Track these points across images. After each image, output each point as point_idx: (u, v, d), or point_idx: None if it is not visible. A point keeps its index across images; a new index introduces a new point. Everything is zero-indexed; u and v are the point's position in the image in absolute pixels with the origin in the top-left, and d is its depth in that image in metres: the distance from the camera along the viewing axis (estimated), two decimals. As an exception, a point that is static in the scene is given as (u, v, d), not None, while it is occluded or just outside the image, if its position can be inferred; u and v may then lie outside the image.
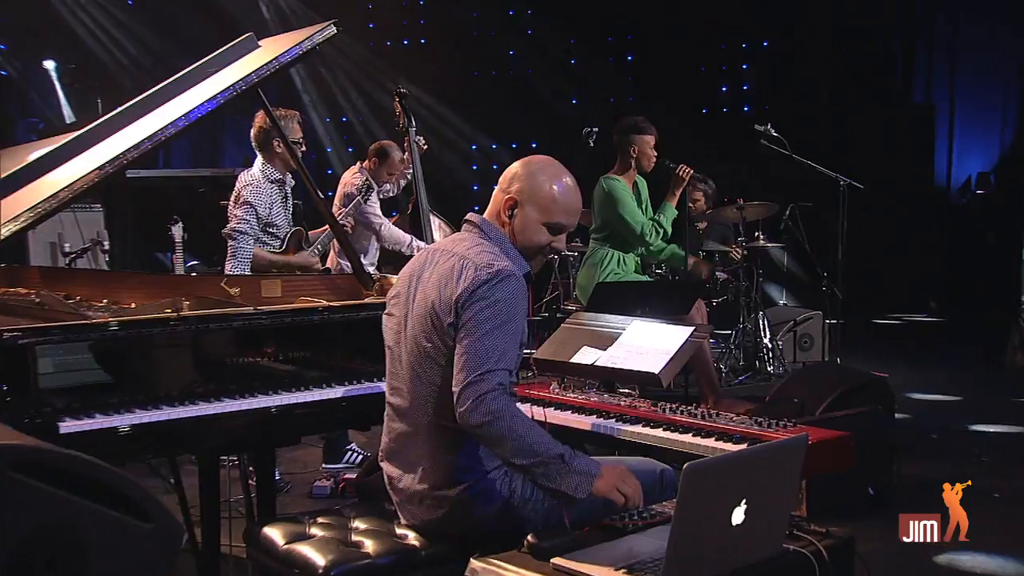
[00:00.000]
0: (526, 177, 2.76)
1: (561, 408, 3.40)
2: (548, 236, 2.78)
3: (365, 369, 3.53)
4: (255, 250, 4.93)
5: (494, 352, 2.52)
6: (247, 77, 3.58)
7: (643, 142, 5.91)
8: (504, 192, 2.78)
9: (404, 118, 6.00)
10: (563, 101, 12.88)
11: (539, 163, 2.81)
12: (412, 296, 2.73)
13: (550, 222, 2.76)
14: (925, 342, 10.24)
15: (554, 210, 2.75)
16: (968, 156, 12.45)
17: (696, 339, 3.37)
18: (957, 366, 8.55)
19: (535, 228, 2.75)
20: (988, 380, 7.94)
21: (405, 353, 2.72)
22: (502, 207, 2.77)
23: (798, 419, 3.41)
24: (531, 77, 12.98)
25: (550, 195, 2.75)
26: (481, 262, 2.61)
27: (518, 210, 2.75)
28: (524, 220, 2.75)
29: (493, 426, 2.48)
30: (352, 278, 4.05)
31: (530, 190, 2.75)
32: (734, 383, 7.34)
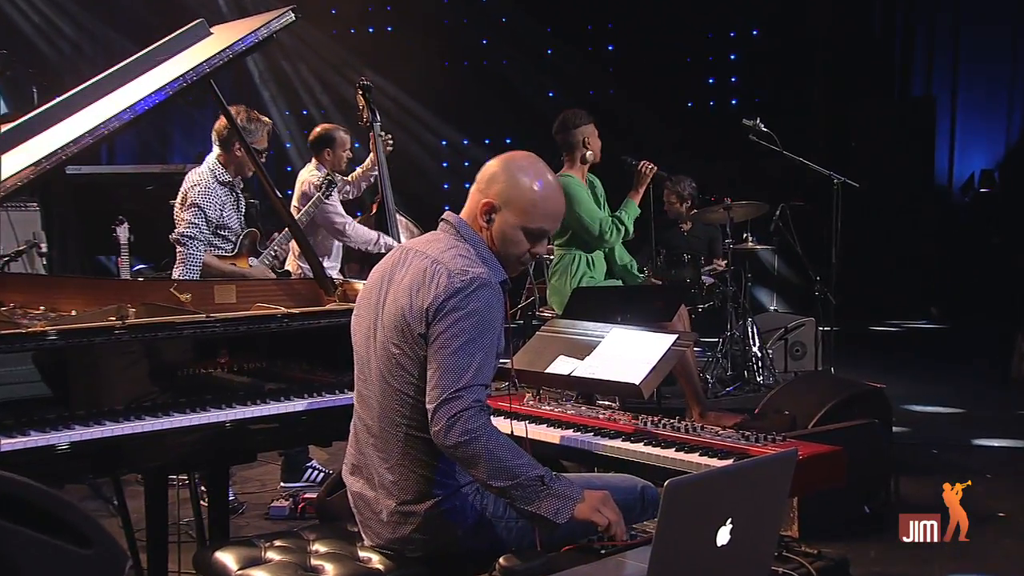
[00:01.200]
0: (506, 178, 2.74)
1: (536, 421, 3.39)
2: (528, 243, 2.77)
3: (327, 381, 3.52)
4: (206, 257, 4.91)
5: (469, 367, 2.52)
6: (198, 67, 3.56)
7: (589, 132, 5.91)
8: (481, 194, 2.76)
9: (368, 112, 5.99)
10: (539, 94, 12.89)
11: (520, 162, 2.78)
12: (383, 298, 2.73)
13: (531, 227, 2.74)
14: (925, 351, 10.29)
15: (535, 215, 2.74)
16: (971, 152, 12.51)
17: (679, 347, 3.39)
18: (959, 377, 8.59)
19: (514, 234, 2.74)
20: (992, 392, 7.98)
21: (374, 358, 2.72)
22: (479, 211, 2.75)
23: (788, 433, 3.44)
24: (505, 68, 13.00)
25: (531, 198, 2.73)
26: (455, 268, 2.61)
27: (496, 215, 2.73)
28: (502, 226, 2.73)
29: (469, 446, 2.48)
30: (313, 283, 4.04)
31: (509, 193, 2.73)
32: (721, 394, 7.37)
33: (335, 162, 6.23)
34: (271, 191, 3.98)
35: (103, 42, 10.82)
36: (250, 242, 5.15)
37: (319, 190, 5.73)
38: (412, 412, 2.64)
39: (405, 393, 2.64)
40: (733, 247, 7.62)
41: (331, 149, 6.23)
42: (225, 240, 5.04)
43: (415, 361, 2.61)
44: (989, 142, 12.45)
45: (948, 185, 12.54)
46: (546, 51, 13.10)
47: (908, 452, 5.85)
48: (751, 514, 2.22)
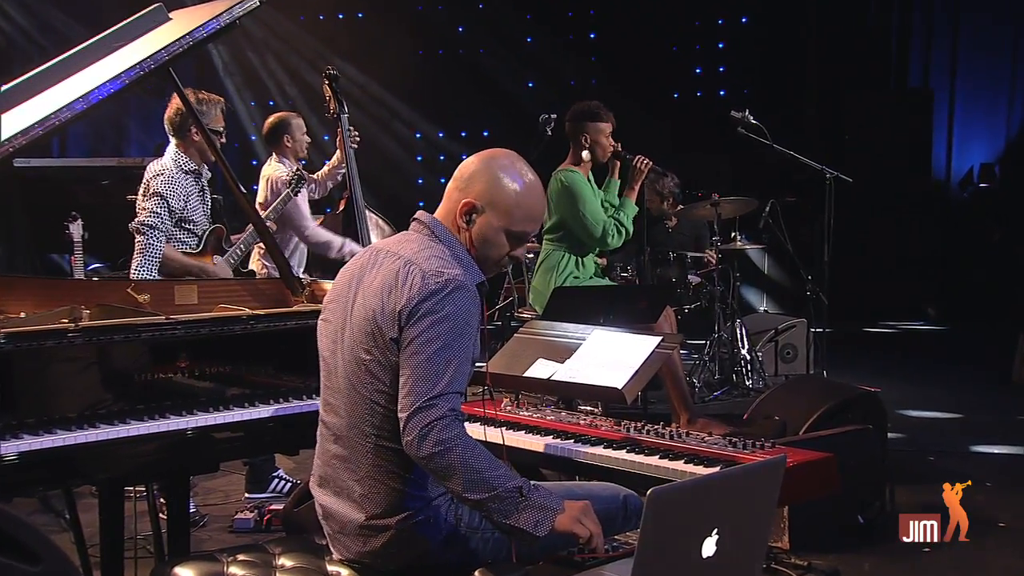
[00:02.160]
0: (488, 178, 2.74)
1: (513, 428, 3.40)
2: (508, 245, 2.77)
3: (294, 385, 3.52)
4: (167, 249, 4.88)
5: (443, 374, 2.52)
6: (157, 54, 3.54)
7: (597, 130, 5.95)
8: (461, 193, 2.75)
9: (335, 103, 5.97)
10: (518, 84, 12.91)
11: (502, 161, 2.78)
12: (352, 301, 2.72)
13: (513, 230, 2.75)
14: (921, 353, 10.35)
15: (519, 216, 2.74)
16: (970, 145, 12.58)
17: (664, 350, 3.40)
18: (958, 380, 8.64)
19: (496, 236, 2.74)
20: (992, 396, 8.03)
21: (342, 364, 2.71)
22: (458, 211, 2.75)
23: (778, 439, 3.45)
24: (482, 57, 13.00)
25: (514, 200, 2.73)
26: (429, 269, 2.60)
27: (477, 216, 2.73)
28: (484, 227, 2.73)
29: (444, 457, 2.48)
30: (279, 283, 4.03)
31: (492, 193, 2.73)
32: (708, 399, 7.38)
33: (296, 149, 6.19)
34: (234, 186, 3.96)
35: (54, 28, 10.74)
36: (216, 239, 5.12)
37: (288, 186, 5.71)
38: (382, 421, 2.63)
39: (375, 402, 2.63)
40: (721, 245, 7.64)
41: (288, 135, 6.20)
42: (190, 234, 5.01)
43: (386, 368, 2.61)
44: (989, 135, 12.51)
45: (946, 180, 12.59)
46: (525, 39, 13.11)
47: (904, 459, 5.88)
48: (738, 524, 2.23)
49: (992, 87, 12.42)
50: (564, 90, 12.26)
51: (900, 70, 12.79)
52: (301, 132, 6.20)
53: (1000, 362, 8.59)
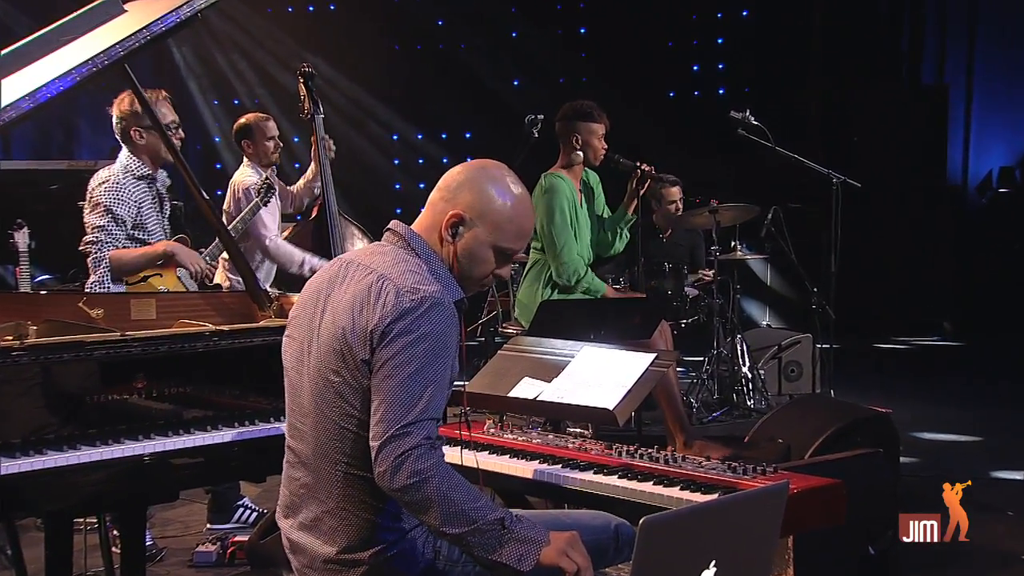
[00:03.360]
0: (478, 189, 2.73)
1: (497, 452, 3.40)
2: (494, 263, 2.78)
3: (261, 407, 3.52)
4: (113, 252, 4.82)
5: (419, 398, 2.51)
6: (111, 50, 3.54)
7: (588, 131, 5.97)
8: (448, 204, 2.74)
9: (309, 103, 5.97)
10: (503, 82, 12.94)
11: (492, 172, 2.78)
12: (319, 317, 2.71)
13: (501, 246, 2.75)
14: (937, 371, 10.36)
15: (509, 232, 2.75)
16: (989, 147, 12.61)
17: (659, 368, 3.41)
18: (976, 400, 8.64)
19: (482, 252, 2.74)
20: (1013, 417, 8.01)
21: (308, 385, 2.70)
22: (444, 224, 2.74)
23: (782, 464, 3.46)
24: (464, 53, 13.03)
25: (506, 214, 2.73)
26: (404, 285, 2.59)
27: (465, 229, 2.73)
28: (472, 242, 2.73)
29: (420, 489, 2.47)
30: (245, 296, 4.02)
31: (483, 206, 2.72)
32: (707, 420, 7.38)
33: (260, 154, 6.19)
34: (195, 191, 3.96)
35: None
36: (176, 249, 5.10)
37: (258, 195, 5.70)
38: (353, 448, 2.62)
39: (344, 427, 2.62)
40: (720, 255, 7.65)
41: (249, 140, 6.19)
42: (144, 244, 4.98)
43: (357, 390, 2.60)
44: (1009, 135, 12.54)
45: (963, 184, 12.63)
46: (511, 34, 13.15)
47: (917, 486, 5.86)
48: (737, 555, 2.23)
49: (1012, 84, 12.45)
50: (552, 89, 12.29)
51: (912, 66, 12.82)
52: (265, 136, 6.18)
53: (1022, 380, 8.59)
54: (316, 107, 5.91)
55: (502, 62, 12.96)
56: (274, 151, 6.24)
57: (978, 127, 12.58)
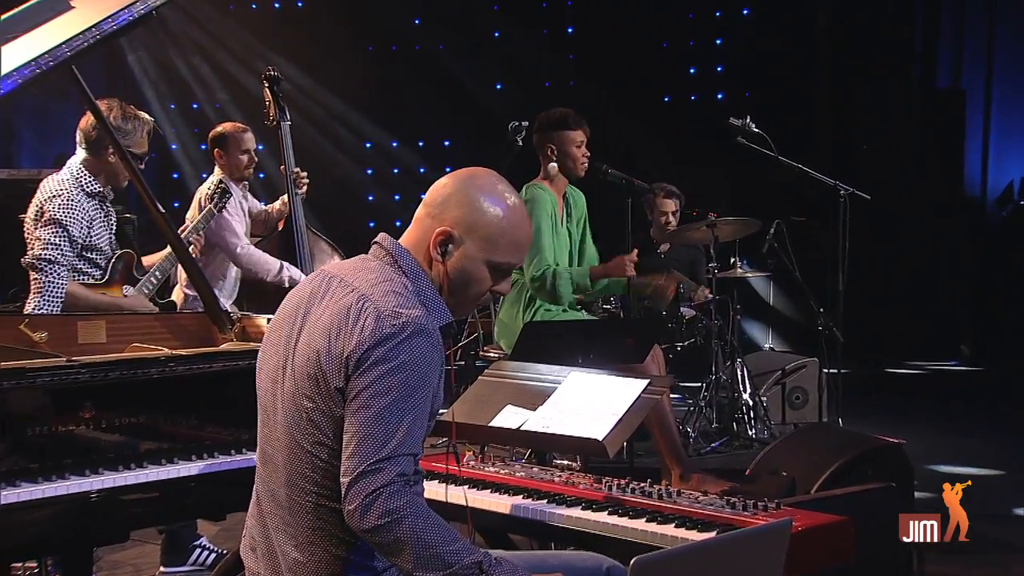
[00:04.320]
0: (466, 201, 2.73)
1: (478, 486, 3.39)
2: (490, 280, 2.77)
3: (221, 439, 3.51)
4: (71, 286, 4.83)
5: (394, 432, 2.50)
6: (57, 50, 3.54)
7: (564, 140, 5.99)
8: (434, 220, 2.74)
9: (275, 109, 5.97)
10: (484, 86, 12.95)
11: (481, 181, 2.78)
12: (296, 335, 2.70)
13: (497, 261, 2.75)
14: (954, 398, 10.36)
15: (504, 246, 2.74)
16: (1009, 156, 12.63)
17: (652, 395, 3.41)
18: (997, 430, 8.63)
19: (476, 270, 2.74)
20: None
21: (281, 410, 2.69)
22: (432, 241, 2.73)
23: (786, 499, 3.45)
24: (443, 55, 13.04)
25: (499, 226, 2.73)
26: (386, 308, 2.58)
27: (455, 247, 2.72)
28: (462, 260, 2.72)
29: (392, 530, 2.46)
30: (204, 318, 4.02)
31: (472, 219, 2.71)
32: (705, 451, 7.38)
33: (231, 166, 6.20)
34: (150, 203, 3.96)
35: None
36: (124, 266, 5.08)
37: (211, 200, 5.70)
38: (324, 478, 2.61)
39: (316, 455, 2.61)
40: (718, 272, 7.65)
41: (221, 150, 6.20)
42: (93, 264, 4.97)
43: (330, 419, 2.59)
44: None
45: (981, 196, 12.66)
46: (493, 33, 13.16)
47: (933, 522, 5.87)
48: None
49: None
50: (537, 93, 12.32)
51: (926, 68, 12.87)
52: (240, 149, 6.19)
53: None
54: (282, 113, 5.92)
55: (484, 64, 12.98)
56: (248, 165, 6.25)
57: (997, 135, 12.60)
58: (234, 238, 5.96)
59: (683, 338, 7.58)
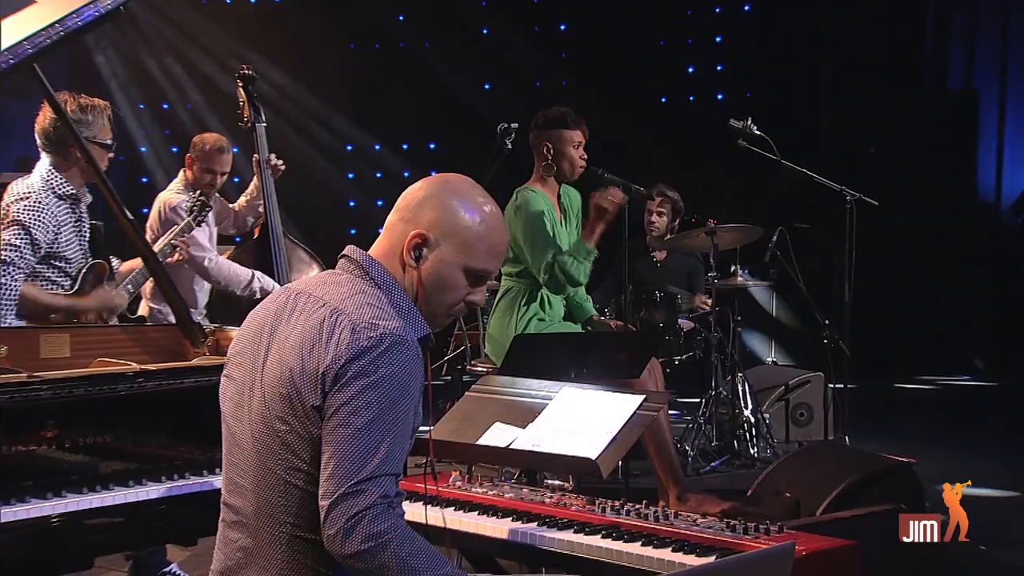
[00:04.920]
0: (441, 204, 2.74)
1: (464, 508, 3.39)
2: (466, 287, 2.77)
3: (192, 458, 3.52)
4: (26, 287, 4.79)
5: (375, 451, 2.49)
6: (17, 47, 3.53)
7: (562, 139, 5.99)
8: (408, 224, 2.74)
9: (250, 109, 5.97)
10: (472, 86, 12.96)
11: (457, 186, 2.79)
12: (263, 355, 2.69)
13: (473, 267, 2.75)
14: (967, 415, 10.36)
15: (480, 250, 2.75)
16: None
17: (649, 411, 3.40)
18: (1013, 449, 8.61)
19: (451, 275, 2.74)
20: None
21: (249, 434, 2.67)
22: (406, 245, 2.73)
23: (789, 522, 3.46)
24: (428, 53, 13.04)
25: (476, 230, 2.74)
26: (361, 320, 2.58)
27: (429, 251, 2.72)
28: (437, 264, 2.73)
29: (375, 556, 2.45)
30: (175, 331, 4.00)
31: (448, 223, 2.72)
32: (704, 471, 7.36)
33: (196, 180, 6.20)
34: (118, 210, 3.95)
35: None
36: (95, 277, 5.06)
37: (189, 214, 5.69)
38: (300, 508, 2.60)
39: (291, 482, 2.60)
40: (718, 282, 7.65)
41: (193, 156, 6.21)
42: (61, 274, 4.94)
43: (306, 441, 2.57)
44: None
45: (995, 202, 12.69)
46: (481, 30, 13.17)
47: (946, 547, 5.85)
48: (737, 627, 2.23)
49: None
50: (528, 93, 12.32)
51: (937, 68, 12.90)
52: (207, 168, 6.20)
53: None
54: (257, 114, 5.91)
55: (471, 63, 12.98)
56: (210, 185, 6.24)
57: (1012, 137, 12.62)
58: (200, 251, 5.94)
59: (681, 351, 7.58)
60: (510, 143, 6.16)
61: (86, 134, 4.50)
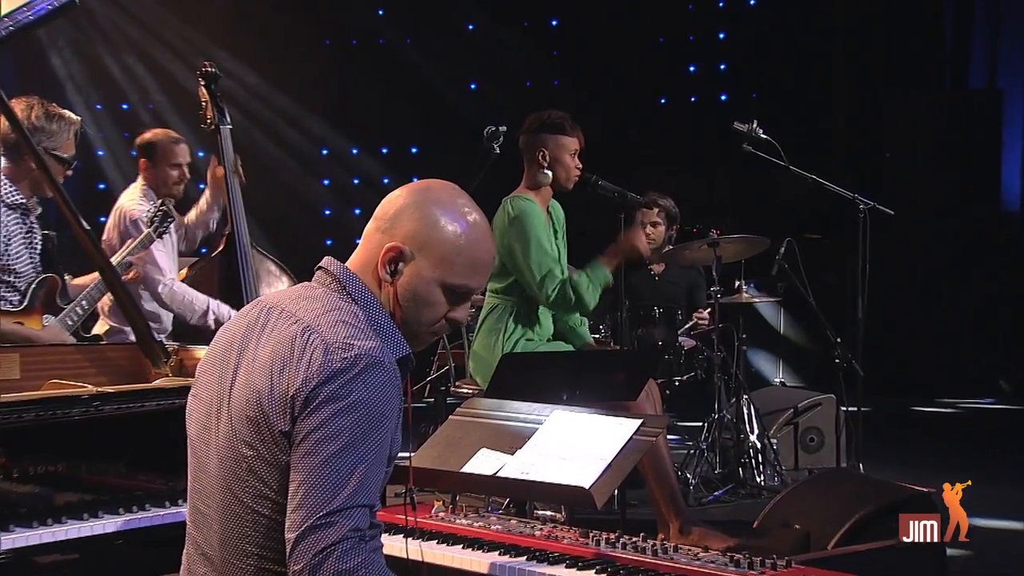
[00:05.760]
0: (420, 215, 2.73)
1: (447, 541, 3.39)
2: (445, 303, 2.77)
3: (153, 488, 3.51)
4: None
5: (347, 481, 2.48)
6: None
7: (558, 146, 6.00)
8: (384, 235, 2.74)
9: (213, 110, 5.96)
10: (457, 86, 12.98)
11: (437, 194, 2.78)
12: (231, 374, 2.69)
13: (452, 283, 2.74)
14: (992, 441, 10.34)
15: (460, 266, 2.74)
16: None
17: (647, 437, 3.40)
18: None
19: (429, 292, 2.73)
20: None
21: (216, 460, 2.67)
22: (381, 259, 2.72)
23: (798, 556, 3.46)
24: (409, 50, 13.06)
25: (455, 243, 2.73)
26: (334, 340, 2.57)
27: (406, 265, 2.72)
28: (414, 279, 2.72)
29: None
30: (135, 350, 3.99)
31: (424, 235, 2.72)
32: (707, 501, 7.37)
33: (159, 181, 6.19)
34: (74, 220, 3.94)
35: None
36: (46, 292, 5.05)
37: (150, 225, 5.66)
38: (267, 538, 2.59)
39: (258, 512, 2.60)
40: (721, 297, 7.66)
41: (149, 161, 6.20)
42: (10, 288, 4.94)
43: (275, 468, 2.57)
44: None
45: (1020, 211, 12.68)
46: (466, 26, 13.19)
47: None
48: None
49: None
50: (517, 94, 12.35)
51: (958, 67, 12.91)
52: (170, 162, 6.19)
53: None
54: (221, 115, 5.89)
55: (456, 61, 13.00)
56: (178, 181, 6.24)
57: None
58: (158, 273, 5.93)
59: (682, 372, 7.58)
60: (498, 147, 6.15)
61: (46, 144, 4.51)
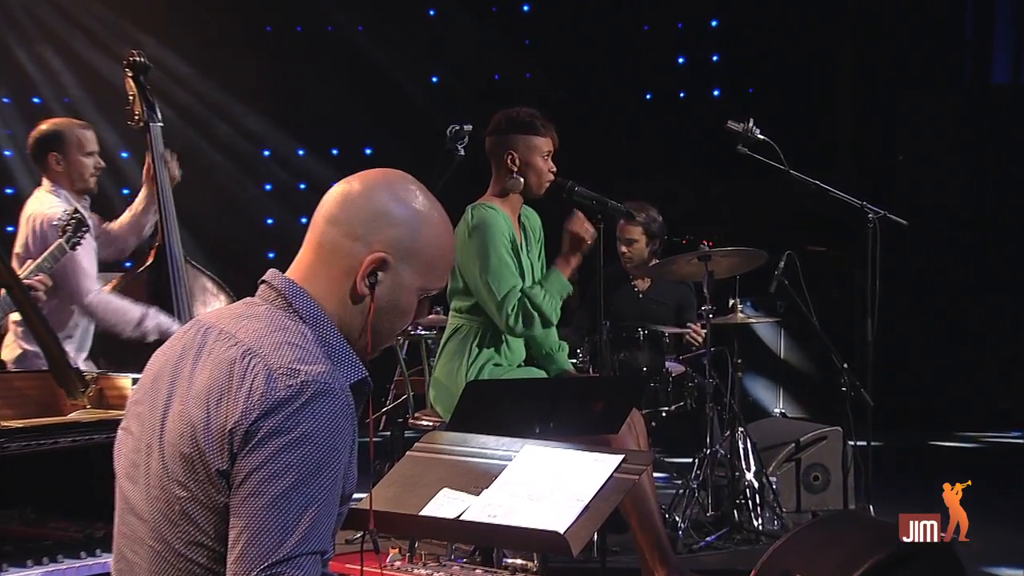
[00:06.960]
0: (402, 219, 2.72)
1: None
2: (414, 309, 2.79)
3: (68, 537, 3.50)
4: None
5: (295, 526, 2.47)
6: None
7: (529, 147, 6.01)
8: (359, 242, 2.70)
9: (141, 105, 5.95)
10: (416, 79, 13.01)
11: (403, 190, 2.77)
12: (164, 404, 2.67)
13: (429, 288, 2.78)
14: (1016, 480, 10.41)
15: (439, 269, 2.78)
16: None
17: (628, 475, 3.41)
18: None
19: (409, 300, 2.75)
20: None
21: (147, 503, 2.66)
22: (360, 271, 2.70)
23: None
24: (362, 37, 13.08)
25: (438, 246, 2.76)
26: (278, 364, 2.55)
27: (384, 274, 2.71)
28: (396, 290, 2.72)
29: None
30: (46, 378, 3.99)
31: (410, 241, 2.72)
32: (697, 547, 7.39)
33: (72, 175, 6.17)
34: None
35: None
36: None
37: (63, 234, 5.65)
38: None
39: (193, 560, 2.58)
40: (714, 317, 7.67)
41: (58, 153, 6.18)
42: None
43: (211, 512, 2.55)
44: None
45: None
46: (427, 11, 13.22)
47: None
48: None
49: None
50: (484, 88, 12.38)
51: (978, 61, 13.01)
52: (82, 150, 6.17)
53: None
54: (151, 111, 5.89)
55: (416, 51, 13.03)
56: (93, 172, 6.22)
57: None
58: (87, 281, 5.92)
59: (670, 401, 7.58)
60: (462, 148, 6.16)
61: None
